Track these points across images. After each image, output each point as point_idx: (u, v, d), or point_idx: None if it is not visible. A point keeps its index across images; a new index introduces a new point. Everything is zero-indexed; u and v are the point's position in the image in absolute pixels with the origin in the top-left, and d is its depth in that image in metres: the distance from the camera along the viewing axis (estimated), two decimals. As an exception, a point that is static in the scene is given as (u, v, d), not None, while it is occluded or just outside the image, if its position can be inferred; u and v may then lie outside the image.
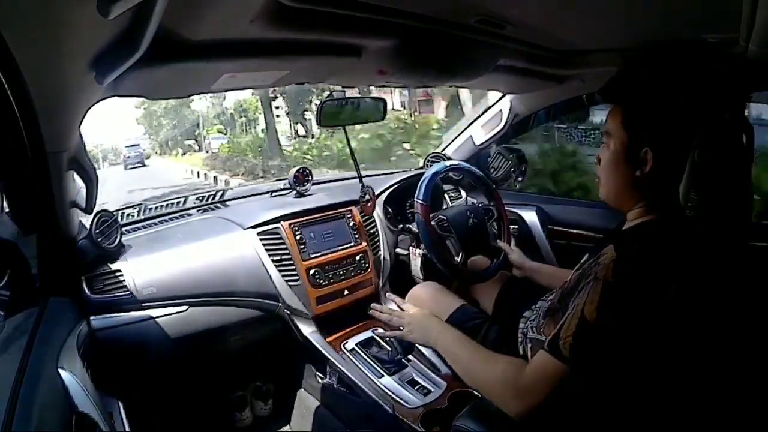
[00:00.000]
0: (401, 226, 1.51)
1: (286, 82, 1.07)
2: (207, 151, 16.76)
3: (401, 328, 0.98)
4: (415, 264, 1.42)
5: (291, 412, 1.46)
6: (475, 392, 1.16)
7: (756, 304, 0.89)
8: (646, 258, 0.70)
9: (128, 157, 18.69)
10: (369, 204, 1.42)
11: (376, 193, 1.46)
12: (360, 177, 1.41)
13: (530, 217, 1.56)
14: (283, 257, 1.29)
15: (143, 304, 1.11)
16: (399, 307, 1.09)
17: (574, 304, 0.72)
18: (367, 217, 1.49)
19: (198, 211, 1.47)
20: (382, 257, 1.47)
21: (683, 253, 0.73)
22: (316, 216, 1.39)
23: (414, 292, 1.27)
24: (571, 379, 0.69)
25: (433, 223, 1.25)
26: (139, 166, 18.01)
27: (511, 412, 0.74)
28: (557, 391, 0.70)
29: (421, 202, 1.19)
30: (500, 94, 1.63)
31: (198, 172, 12.68)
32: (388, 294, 1.07)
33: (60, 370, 0.70)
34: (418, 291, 1.26)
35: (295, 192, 1.54)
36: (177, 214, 1.42)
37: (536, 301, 0.98)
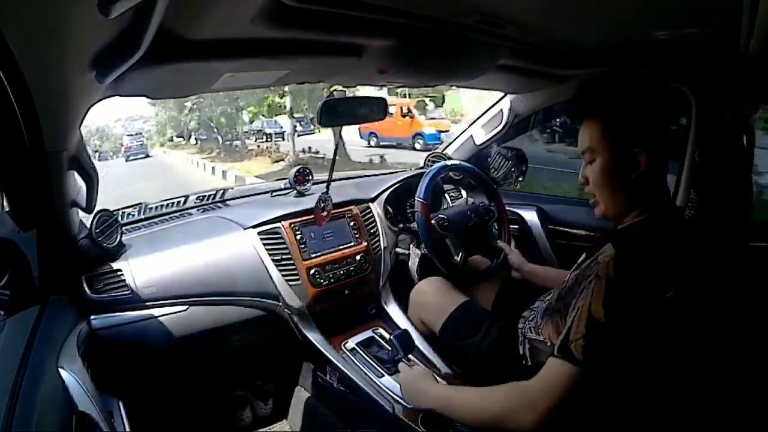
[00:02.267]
0: (401, 225, 1.51)
1: (286, 82, 1.07)
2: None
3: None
4: (413, 263, 1.42)
5: (291, 412, 1.46)
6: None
7: (756, 304, 0.89)
8: (645, 254, 0.70)
9: (130, 147, 16.94)
10: (324, 214, 1.28)
11: (332, 207, 1.31)
12: (329, 181, 1.31)
13: (530, 217, 1.56)
14: (284, 257, 1.29)
15: (143, 304, 1.11)
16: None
17: (577, 306, 0.72)
18: (367, 216, 1.49)
19: (198, 210, 1.47)
20: (382, 257, 1.47)
21: (681, 248, 0.73)
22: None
23: (419, 286, 1.27)
24: (586, 381, 0.68)
25: (433, 221, 1.25)
26: (142, 158, 16.39)
27: (528, 426, 0.71)
28: (572, 395, 0.69)
29: (421, 200, 1.19)
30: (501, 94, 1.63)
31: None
32: (400, 365, 1.05)
33: (60, 370, 0.70)
34: (423, 285, 1.27)
35: (295, 192, 1.54)
36: (177, 214, 1.42)
37: (535, 301, 0.98)
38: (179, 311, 1.14)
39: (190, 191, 1.55)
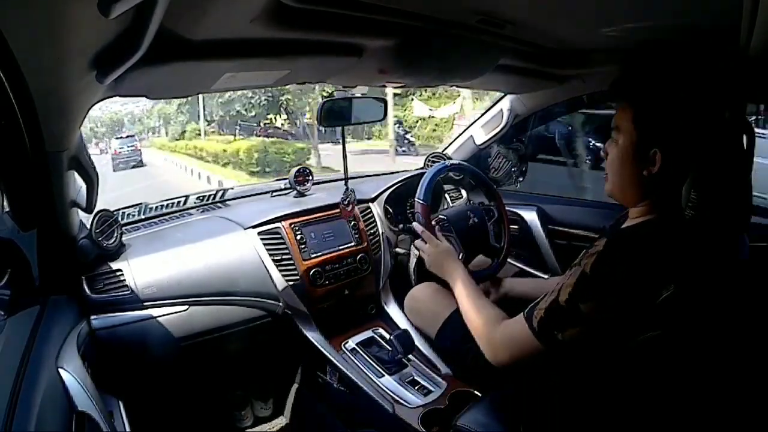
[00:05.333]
0: (401, 225, 1.51)
1: (287, 82, 1.07)
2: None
3: (423, 250, 1.08)
4: (413, 263, 1.42)
5: (291, 412, 1.46)
6: (475, 392, 1.17)
7: (756, 304, 0.89)
8: (630, 258, 0.70)
9: (119, 153, 13.82)
10: (349, 208, 1.37)
11: (356, 198, 1.39)
12: (346, 179, 1.37)
13: (530, 217, 1.56)
14: (284, 257, 1.29)
15: (144, 304, 1.11)
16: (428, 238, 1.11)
17: (558, 285, 0.75)
18: (367, 216, 1.49)
19: (198, 210, 1.47)
20: (382, 257, 1.47)
21: (676, 251, 0.73)
22: (316, 216, 1.39)
23: (413, 293, 1.27)
24: (539, 352, 0.73)
25: (433, 223, 1.24)
26: (136, 166, 13.47)
27: (486, 356, 0.82)
28: (524, 357, 0.76)
29: (421, 202, 1.18)
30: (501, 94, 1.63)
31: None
32: (414, 224, 1.11)
33: (60, 370, 0.70)
34: (416, 292, 1.26)
35: (295, 192, 1.54)
36: (177, 214, 1.42)
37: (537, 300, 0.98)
38: (179, 311, 1.14)
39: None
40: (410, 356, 1.28)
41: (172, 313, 1.13)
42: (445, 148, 1.84)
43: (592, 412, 0.79)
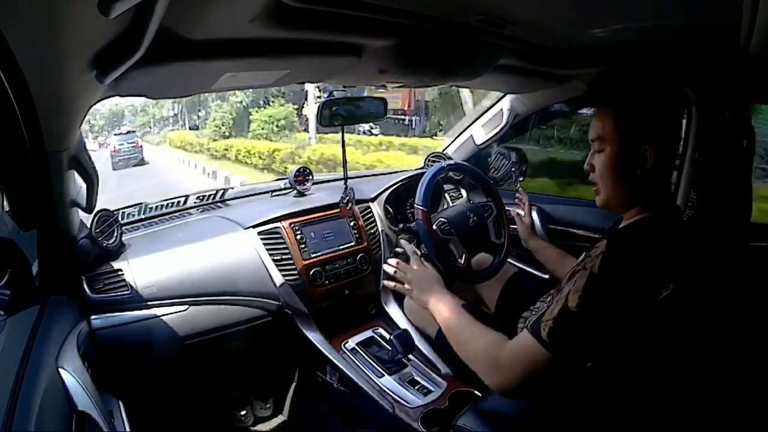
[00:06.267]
0: (401, 225, 1.51)
1: (287, 82, 1.07)
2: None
3: (405, 283, 0.99)
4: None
5: (291, 412, 1.46)
6: (475, 392, 1.17)
7: (756, 303, 0.89)
8: (634, 254, 0.70)
9: (119, 150, 13.00)
10: (348, 207, 1.38)
11: (355, 198, 1.41)
12: (345, 178, 1.38)
13: (530, 216, 1.55)
14: (284, 257, 1.29)
15: (144, 304, 1.11)
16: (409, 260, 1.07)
17: (563, 292, 0.73)
18: (367, 216, 1.49)
19: (198, 210, 1.47)
20: (382, 257, 1.47)
21: (675, 251, 0.73)
22: (316, 215, 1.39)
23: None
24: (550, 363, 0.70)
25: (434, 226, 1.24)
26: (137, 164, 12.75)
27: (492, 385, 0.76)
28: (536, 373, 0.71)
29: (421, 207, 1.16)
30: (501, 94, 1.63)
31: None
32: (401, 240, 1.07)
33: (60, 370, 0.70)
34: None
35: (295, 191, 1.54)
36: (177, 214, 1.42)
37: (537, 300, 0.98)
38: (179, 311, 1.14)
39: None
40: (410, 356, 1.28)
41: (172, 313, 1.13)
42: (446, 148, 1.84)
43: (592, 411, 0.79)
